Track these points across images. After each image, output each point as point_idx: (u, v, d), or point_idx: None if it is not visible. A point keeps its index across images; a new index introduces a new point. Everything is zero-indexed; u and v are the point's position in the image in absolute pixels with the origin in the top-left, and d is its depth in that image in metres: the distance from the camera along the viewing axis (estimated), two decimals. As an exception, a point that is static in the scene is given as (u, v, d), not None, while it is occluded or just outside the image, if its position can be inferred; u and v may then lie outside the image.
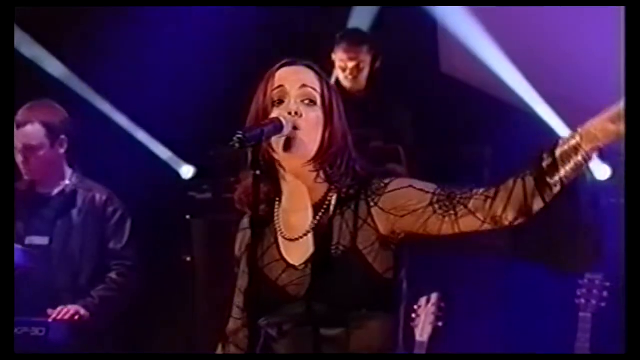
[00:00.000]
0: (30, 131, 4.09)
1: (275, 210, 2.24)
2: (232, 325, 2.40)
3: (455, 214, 2.05)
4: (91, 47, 5.93)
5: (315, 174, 2.20)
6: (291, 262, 2.21)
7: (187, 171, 5.70)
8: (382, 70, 5.78)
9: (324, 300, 2.18)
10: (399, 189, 2.14)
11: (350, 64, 5.48)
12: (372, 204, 2.16)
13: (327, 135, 2.17)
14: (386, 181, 2.18)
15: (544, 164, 2.09)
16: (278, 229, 2.23)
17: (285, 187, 2.22)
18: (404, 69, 6.32)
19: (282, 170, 2.19)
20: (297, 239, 2.22)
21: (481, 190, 2.07)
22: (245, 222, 2.40)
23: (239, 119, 2.33)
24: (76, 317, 3.96)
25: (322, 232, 2.20)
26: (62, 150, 4.18)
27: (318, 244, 2.21)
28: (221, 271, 4.80)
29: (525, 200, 2.05)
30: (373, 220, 2.18)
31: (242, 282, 2.39)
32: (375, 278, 2.17)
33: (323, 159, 2.18)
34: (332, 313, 2.18)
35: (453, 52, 6.25)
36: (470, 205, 2.06)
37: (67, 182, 4.22)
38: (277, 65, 2.26)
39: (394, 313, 2.24)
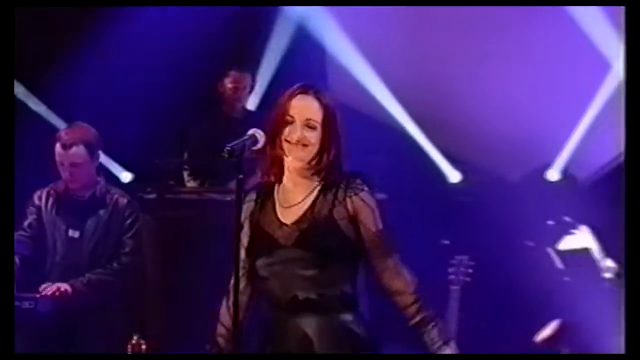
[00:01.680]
0: (75, 152, 5.05)
1: (276, 189, 3.21)
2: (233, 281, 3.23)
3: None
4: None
5: (310, 171, 3.19)
6: (284, 221, 3.18)
7: (125, 176, 6.94)
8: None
9: (305, 248, 3.13)
10: (366, 203, 3.17)
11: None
12: (348, 194, 3.17)
13: (320, 149, 3.15)
14: (365, 188, 3.19)
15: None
16: (277, 200, 3.19)
17: (286, 176, 3.20)
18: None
19: (286, 167, 3.19)
20: (290, 207, 3.18)
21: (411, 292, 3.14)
22: (252, 195, 3.33)
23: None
24: (57, 293, 4.87)
25: (309, 204, 3.18)
26: (96, 164, 5.23)
27: (305, 211, 3.18)
28: (166, 258, 6.13)
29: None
30: (346, 205, 3.17)
31: (245, 240, 3.31)
32: (343, 239, 3.16)
33: (316, 162, 3.18)
34: (311, 257, 3.13)
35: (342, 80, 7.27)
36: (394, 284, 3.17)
37: (97, 187, 5.24)
38: (293, 91, 3.18)
39: (354, 264, 3.23)
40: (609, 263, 6.48)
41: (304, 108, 3.17)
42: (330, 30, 7.41)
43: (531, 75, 7.86)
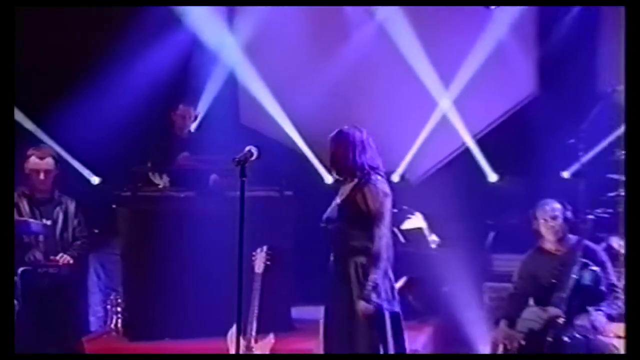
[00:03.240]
0: (48, 162, 6.22)
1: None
2: None
3: None
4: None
5: (342, 176, 5.20)
6: (338, 200, 5.17)
7: (95, 180, 8.37)
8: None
9: (341, 215, 5.09)
10: (372, 188, 5.02)
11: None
12: (365, 185, 4.98)
13: (335, 159, 5.16)
14: (384, 177, 5.16)
15: None
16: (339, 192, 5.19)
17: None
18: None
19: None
20: (340, 194, 5.17)
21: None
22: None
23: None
24: (66, 261, 6.11)
25: (344, 194, 5.12)
26: (56, 172, 6.29)
27: (343, 196, 5.14)
28: (137, 239, 7.39)
29: None
30: (364, 194, 4.96)
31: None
32: (363, 215, 4.99)
33: (337, 170, 5.19)
34: (348, 226, 5.06)
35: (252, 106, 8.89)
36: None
37: (55, 192, 6.34)
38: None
39: (369, 228, 4.98)
40: (434, 237, 7.72)
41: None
42: (251, 78, 8.73)
43: (383, 93, 9.21)
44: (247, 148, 4.72)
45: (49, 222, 6.20)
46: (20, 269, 5.91)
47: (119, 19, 7.84)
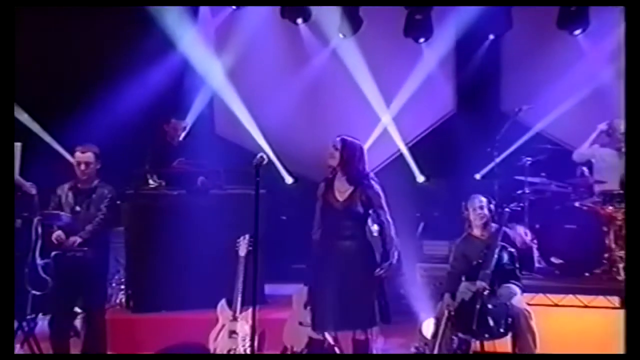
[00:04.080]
0: (88, 156, 6.23)
1: (334, 184, 5.42)
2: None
3: None
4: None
5: (346, 178, 5.42)
6: (339, 199, 5.41)
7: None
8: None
9: (344, 211, 5.36)
10: (376, 190, 5.45)
11: None
12: (370, 189, 5.36)
13: (340, 164, 5.40)
14: (377, 181, 5.47)
15: None
16: (335, 189, 5.41)
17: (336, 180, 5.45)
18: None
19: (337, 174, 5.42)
20: (341, 192, 5.39)
21: None
22: (322, 186, 5.47)
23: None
24: (75, 244, 6.06)
25: (347, 192, 5.38)
26: (98, 166, 6.29)
27: (347, 195, 5.38)
28: (138, 229, 7.38)
29: None
30: (365, 192, 5.35)
31: (319, 205, 5.51)
32: (365, 208, 5.40)
33: (346, 176, 5.40)
34: (347, 219, 5.38)
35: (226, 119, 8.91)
36: None
37: (96, 182, 6.31)
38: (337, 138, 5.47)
39: (365, 221, 5.43)
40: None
41: (332, 144, 5.50)
42: (228, 95, 8.79)
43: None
44: (259, 155, 5.09)
45: (66, 216, 6.17)
46: (53, 253, 5.97)
47: (125, 44, 7.81)
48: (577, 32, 9.17)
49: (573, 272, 7.53)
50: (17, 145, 6.08)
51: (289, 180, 8.66)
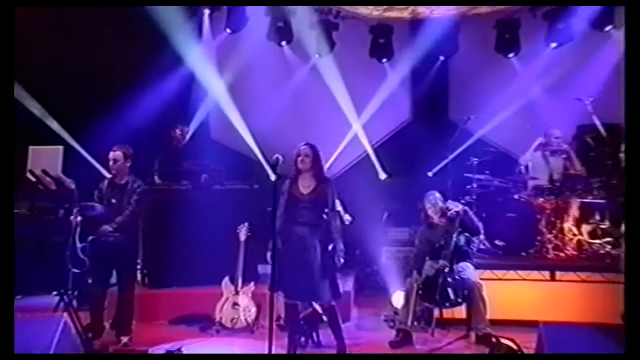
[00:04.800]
0: (119, 154, 6.25)
1: (298, 181, 5.49)
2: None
3: None
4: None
5: (312, 176, 5.52)
6: (304, 192, 5.50)
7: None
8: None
9: (308, 203, 5.46)
10: (330, 185, 5.59)
11: None
12: (325, 183, 5.49)
13: (316, 167, 5.51)
14: (330, 180, 5.64)
15: None
16: (300, 185, 5.47)
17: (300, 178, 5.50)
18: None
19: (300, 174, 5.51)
20: (305, 187, 5.49)
21: None
22: (287, 183, 5.53)
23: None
24: (107, 232, 6.12)
25: (311, 187, 5.48)
26: (129, 164, 6.31)
27: (310, 189, 5.49)
28: (152, 218, 7.26)
29: None
30: (324, 188, 5.55)
31: (284, 198, 5.57)
32: (324, 200, 5.50)
33: (312, 174, 5.48)
34: (310, 212, 5.49)
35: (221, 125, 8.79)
36: None
37: (128, 177, 6.32)
38: (301, 145, 5.59)
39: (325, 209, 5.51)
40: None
41: (304, 152, 5.60)
42: (224, 103, 8.68)
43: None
44: (276, 156, 5.22)
45: (114, 201, 6.20)
46: (90, 238, 6.04)
47: (141, 60, 7.75)
48: (511, 55, 9.36)
49: (513, 252, 7.72)
50: (60, 149, 6.07)
51: (273, 177, 8.56)
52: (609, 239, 7.35)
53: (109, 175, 6.41)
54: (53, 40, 6.79)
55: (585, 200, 7.65)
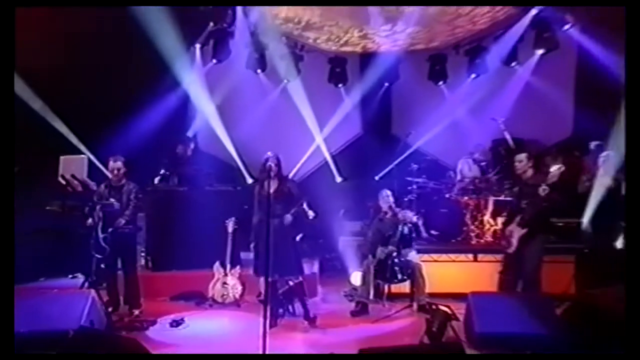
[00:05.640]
0: (119, 164, 6.27)
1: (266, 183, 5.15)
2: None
3: None
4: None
5: (277, 178, 5.55)
6: (271, 192, 5.20)
7: None
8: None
9: (274, 199, 5.30)
10: (292, 184, 5.87)
11: None
12: (287, 182, 5.70)
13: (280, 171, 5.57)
14: (291, 180, 6.04)
15: None
16: (268, 186, 5.08)
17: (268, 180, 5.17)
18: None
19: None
20: (272, 187, 5.28)
21: None
22: (257, 186, 5.58)
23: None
24: (121, 224, 6.16)
25: (275, 187, 5.46)
26: (124, 170, 6.29)
27: (275, 186, 5.47)
28: (157, 215, 7.35)
29: None
30: (291, 186, 5.73)
31: (257, 199, 5.69)
32: (289, 196, 5.61)
33: (277, 177, 5.46)
34: (282, 208, 5.54)
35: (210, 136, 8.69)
36: None
37: (125, 181, 6.32)
38: (268, 154, 5.62)
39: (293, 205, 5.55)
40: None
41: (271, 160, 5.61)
42: (212, 118, 8.60)
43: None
44: (268, 164, 5.50)
45: (117, 204, 6.21)
46: (110, 229, 6.09)
47: (145, 80, 7.70)
48: (440, 83, 9.58)
49: (445, 239, 7.98)
50: (85, 158, 6.16)
51: (249, 180, 8.65)
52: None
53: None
54: (78, 69, 6.87)
55: (499, 198, 7.77)
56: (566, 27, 7.75)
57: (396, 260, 6.46)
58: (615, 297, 4.46)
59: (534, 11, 7.86)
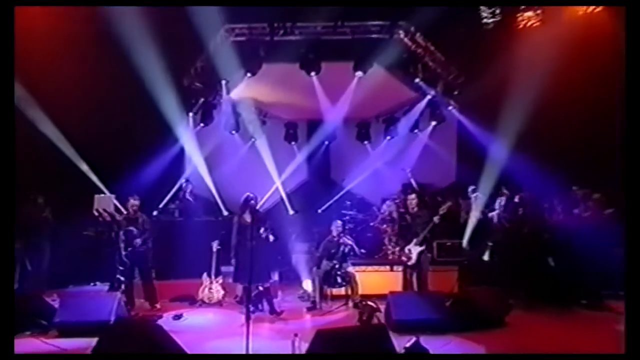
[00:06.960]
0: (135, 202, 6.54)
1: (244, 214, 5.24)
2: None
3: None
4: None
5: (251, 210, 5.33)
6: (248, 220, 5.27)
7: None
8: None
9: (250, 226, 5.08)
10: (264, 215, 5.56)
11: None
12: (259, 214, 5.28)
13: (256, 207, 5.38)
14: (262, 211, 5.54)
15: None
16: (245, 217, 5.25)
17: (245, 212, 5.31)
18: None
19: None
20: (248, 217, 5.28)
21: None
22: (236, 217, 5.31)
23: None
24: (139, 243, 6.36)
25: (250, 217, 5.26)
26: (139, 204, 6.52)
27: (251, 217, 5.25)
28: (159, 237, 7.15)
29: None
30: (259, 216, 5.23)
31: (235, 227, 5.40)
32: (259, 224, 5.31)
33: (249, 211, 5.22)
34: (252, 232, 5.04)
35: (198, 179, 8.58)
36: None
37: (138, 213, 6.51)
38: (249, 194, 5.40)
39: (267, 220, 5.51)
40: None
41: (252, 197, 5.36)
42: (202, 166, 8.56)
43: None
44: (251, 200, 5.61)
45: (135, 230, 6.43)
46: (129, 248, 6.28)
47: (153, 133, 7.83)
48: (365, 142, 10.25)
49: (370, 256, 8.07)
50: (113, 196, 6.36)
51: (225, 212, 8.63)
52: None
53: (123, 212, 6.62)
54: (103, 129, 7.00)
55: (402, 224, 7.32)
56: (450, 107, 8.76)
57: (338, 271, 6.76)
58: (485, 294, 5.61)
59: (429, 96, 8.78)
